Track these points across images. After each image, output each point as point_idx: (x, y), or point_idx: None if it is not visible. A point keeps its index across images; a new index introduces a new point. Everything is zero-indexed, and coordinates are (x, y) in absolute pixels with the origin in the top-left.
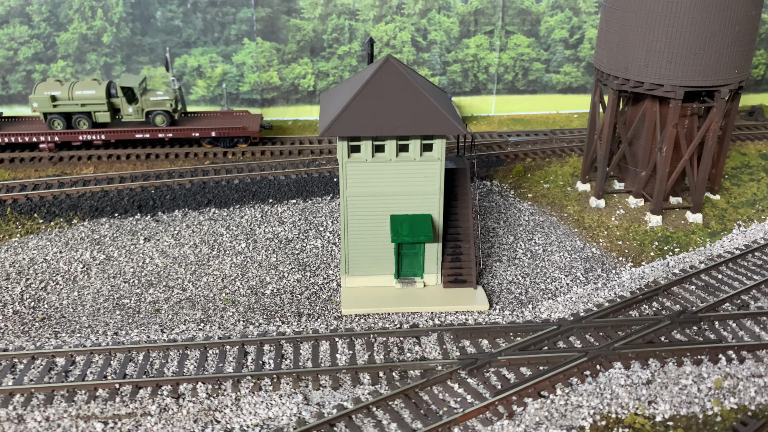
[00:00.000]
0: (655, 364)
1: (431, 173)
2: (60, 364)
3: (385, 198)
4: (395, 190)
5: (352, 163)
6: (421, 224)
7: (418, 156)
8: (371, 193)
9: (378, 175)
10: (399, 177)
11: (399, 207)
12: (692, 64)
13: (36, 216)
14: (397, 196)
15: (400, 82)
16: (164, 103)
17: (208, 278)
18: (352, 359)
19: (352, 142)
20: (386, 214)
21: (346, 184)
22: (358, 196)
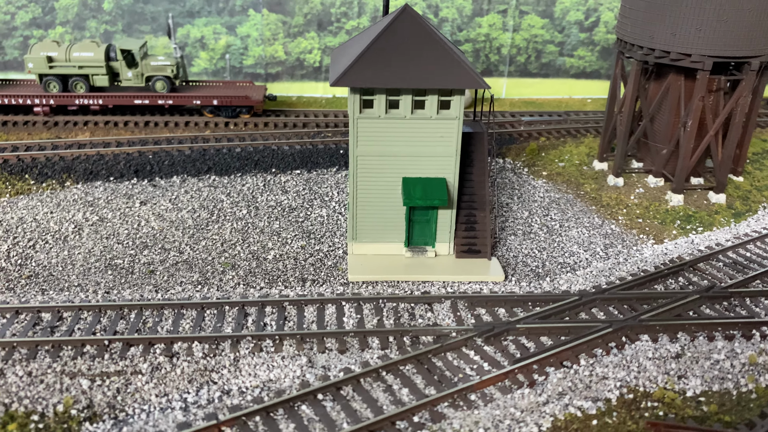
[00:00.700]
0: (685, 338)
1: (448, 133)
2: (46, 320)
3: (398, 159)
4: (409, 150)
5: (363, 119)
6: (436, 188)
7: (434, 113)
8: (383, 153)
9: (391, 133)
10: (413, 136)
11: (412, 169)
12: (722, 33)
13: (27, 177)
14: (410, 157)
15: (419, 32)
16: (165, 69)
17: (207, 242)
18: (360, 323)
19: (365, 96)
20: (398, 177)
21: (357, 141)
22: (369, 155)
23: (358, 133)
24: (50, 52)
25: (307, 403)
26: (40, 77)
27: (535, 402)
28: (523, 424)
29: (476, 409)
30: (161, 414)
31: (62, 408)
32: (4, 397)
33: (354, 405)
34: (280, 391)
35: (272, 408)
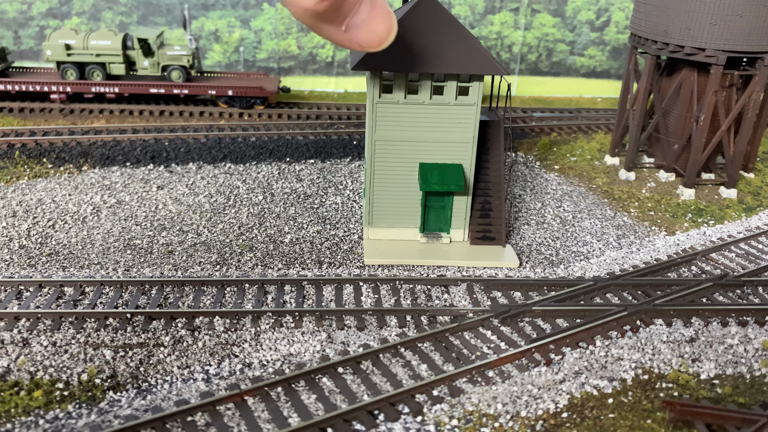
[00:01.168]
0: (699, 322)
1: (466, 119)
2: (68, 294)
3: (416, 144)
4: (427, 135)
5: (382, 104)
6: (453, 173)
7: (453, 99)
8: (401, 138)
9: (410, 118)
10: (432, 121)
11: (429, 155)
12: (736, 28)
13: (45, 161)
14: (428, 143)
15: (440, 18)
16: (181, 59)
17: (224, 225)
18: (377, 303)
19: (385, 81)
20: (415, 162)
21: (375, 126)
22: (387, 140)
23: (377, 118)
24: (68, 40)
25: (328, 375)
26: (58, 65)
27: (552, 380)
28: (540, 401)
29: (494, 385)
30: (184, 384)
31: (86, 377)
32: (30, 366)
33: (374, 378)
34: (300, 364)
35: (294, 380)
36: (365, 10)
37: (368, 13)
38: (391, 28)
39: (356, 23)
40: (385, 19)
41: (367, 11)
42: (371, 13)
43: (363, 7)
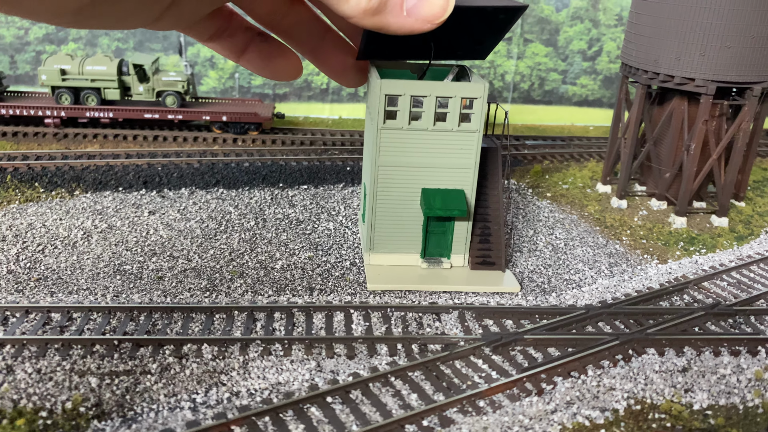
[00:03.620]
0: (691, 352)
1: (468, 145)
2: (56, 320)
3: (418, 170)
4: (429, 161)
5: (387, 129)
6: (455, 199)
7: (455, 126)
8: (404, 164)
9: (413, 144)
10: (434, 147)
11: (431, 180)
12: (725, 58)
13: (37, 185)
14: (430, 169)
15: None
16: (176, 84)
17: (215, 251)
18: (368, 330)
19: (389, 108)
20: (417, 188)
21: (379, 152)
22: (390, 165)
23: (381, 144)
24: (64, 65)
25: (316, 405)
26: (53, 89)
27: (543, 410)
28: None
29: (485, 415)
30: (170, 413)
31: (71, 405)
32: (13, 393)
33: (363, 408)
34: (289, 393)
35: (281, 409)
36: None
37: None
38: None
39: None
40: None
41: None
42: None
43: None
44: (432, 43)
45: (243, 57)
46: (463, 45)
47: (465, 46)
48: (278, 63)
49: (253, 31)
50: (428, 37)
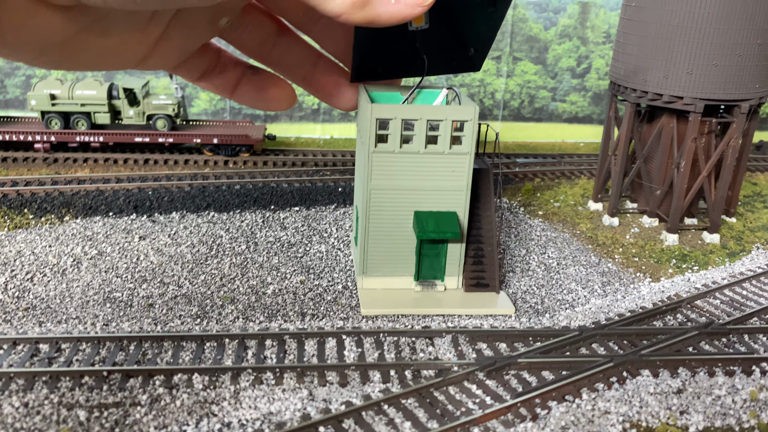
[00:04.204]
0: (686, 373)
1: (460, 168)
2: (44, 351)
3: (411, 192)
4: (421, 184)
5: (378, 153)
6: (448, 221)
7: (447, 149)
8: (396, 187)
9: (405, 167)
10: (426, 170)
11: (424, 203)
12: (712, 76)
13: (26, 211)
14: (422, 191)
15: None
16: (166, 108)
17: (206, 276)
18: (360, 357)
19: (380, 131)
20: (410, 210)
21: (371, 175)
22: (382, 189)
23: (373, 167)
24: (53, 90)
25: None
26: (42, 114)
27: None
28: None
29: None
30: None
31: None
32: (0, 429)
33: None
34: (281, 423)
35: None
36: None
37: None
38: None
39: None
40: None
41: None
42: None
43: None
44: (425, 56)
45: (236, 92)
46: (455, 54)
47: (458, 55)
48: (272, 94)
49: (244, 65)
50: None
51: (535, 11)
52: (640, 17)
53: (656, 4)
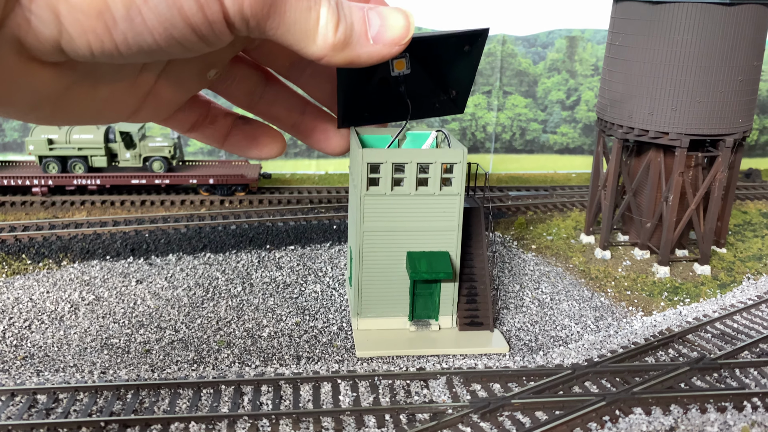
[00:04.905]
0: (678, 410)
1: (450, 208)
2: (41, 402)
3: (403, 234)
4: (413, 225)
5: (370, 196)
6: (440, 261)
7: (437, 190)
8: (389, 228)
9: (396, 209)
10: (418, 212)
11: (416, 243)
12: (697, 112)
13: (24, 257)
14: (414, 232)
15: None
16: (163, 150)
17: (202, 320)
18: (356, 401)
19: (372, 175)
20: (402, 251)
21: (363, 218)
22: (375, 231)
23: (365, 210)
24: (51, 135)
25: None
26: (40, 159)
27: None
28: None
29: None
30: None
31: None
32: None
33: None
34: None
35: None
36: (374, 17)
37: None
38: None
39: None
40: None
41: (377, 16)
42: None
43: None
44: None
45: (227, 142)
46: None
47: (440, 99)
48: (263, 142)
49: (233, 115)
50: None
51: (523, 46)
52: (623, 56)
53: (639, 44)
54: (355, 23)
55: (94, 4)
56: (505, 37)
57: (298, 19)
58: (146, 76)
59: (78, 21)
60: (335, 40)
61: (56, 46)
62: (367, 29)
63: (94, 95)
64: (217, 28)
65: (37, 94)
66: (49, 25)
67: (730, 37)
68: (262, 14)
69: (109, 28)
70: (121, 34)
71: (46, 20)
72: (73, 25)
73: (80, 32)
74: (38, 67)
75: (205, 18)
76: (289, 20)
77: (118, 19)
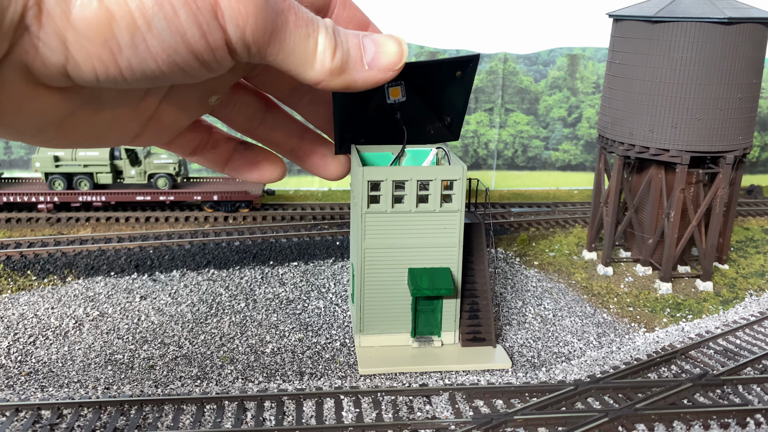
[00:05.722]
0: (680, 426)
1: (451, 225)
2: (46, 417)
3: (404, 250)
4: (414, 242)
5: (371, 214)
6: (442, 277)
7: (438, 207)
8: (390, 245)
9: (398, 226)
10: (419, 228)
11: (417, 260)
12: (697, 129)
13: (29, 273)
14: (415, 249)
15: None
16: (167, 166)
17: (206, 336)
18: (358, 417)
19: (372, 192)
20: (404, 268)
21: (365, 235)
22: (376, 248)
23: (366, 228)
24: (57, 152)
25: None
26: (46, 175)
27: None
28: None
29: None
30: None
31: None
32: None
33: None
34: None
35: None
36: (369, 44)
37: (374, 44)
38: (400, 41)
39: (373, 58)
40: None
41: (372, 43)
42: (376, 43)
43: (366, 44)
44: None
45: (228, 167)
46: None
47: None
48: (263, 167)
49: (235, 140)
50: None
51: (525, 64)
52: (624, 74)
53: (639, 61)
54: (351, 50)
55: (100, 32)
56: (506, 55)
57: (297, 46)
58: (149, 101)
59: (84, 47)
60: (332, 65)
61: (62, 72)
62: (362, 55)
63: (98, 119)
64: (219, 54)
65: (43, 118)
66: (56, 51)
67: (729, 56)
68: (263, 41)
69: (114, 55)
70: (126, 60)
71: (53, 47)
72: (79, 52)
73: (86, 58)
74: (44, 92)
75: (208, 44)
76: (288, 46)
77: (122, 45)
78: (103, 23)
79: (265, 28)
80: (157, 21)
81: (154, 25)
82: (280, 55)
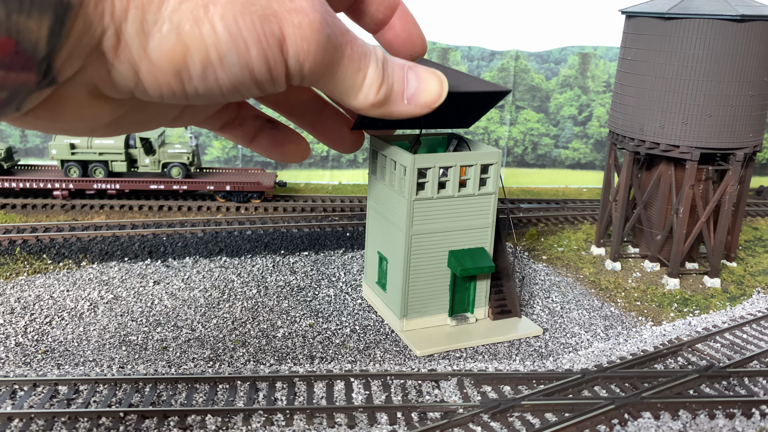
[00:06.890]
0: (686, 415)
1: (486, 207)
2: (62, 392)
3: (445, 234)
4: (454, 225)
5: (419, 200)
6: (481, 256)
7: (476, 191)
8: (434, 230)
9: (441, 210)
10: (459, 212)
11: (456, 242)
12: (707, 126)
13: (45, 257)
14: (455, 232)
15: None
16: (181, 156)
17: (218, 320)
18: (368, 399)
19: (420, 180)
20: (444, 251)
21: (412, 222)
22: (422, 233)
23: (414, 214)
24: (73, 140)
25: None
26: (62, 163)
27: None
28: None
29: None
30: None
31: None
32: None
33: None
34: None
35: None
36: (413, 78)
37: (417, 80)
38: (441, 81)
39: (413, 93)
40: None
41: (415, 79)
42: (419, 78)
43: (410, 78)
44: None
45: (254, 142)
46: (451, 117)
47: (453, 118)
48: (288, 148)
49: (262, 118)
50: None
51: (536, 62)
52: (635, 70)
53: (650, 58)
54: (395, 84)
55: (174, 64)
56: (518, 52)
57: (347, 78)
58: None
59: (155, 76)
60: (375, 99)
61: (129, 93)
62: (404, 89)
63: (144, 114)
64: (278, 83)
65: (98, 122)
66: (126, 78)
67: (741, 53)
68: (319, 73)
69: (184, 84)
70: (194, 88)
71: (125, 74)
72: (149, 80)
73: (155, 86)
74: (103, 102)
75: (270, 76)
76: (338, 78)
77: (193, 76)
78: (179, 56)
79: (322, 63)
80: (230, 57)
81: (226, 60)
82: (330, 84)
